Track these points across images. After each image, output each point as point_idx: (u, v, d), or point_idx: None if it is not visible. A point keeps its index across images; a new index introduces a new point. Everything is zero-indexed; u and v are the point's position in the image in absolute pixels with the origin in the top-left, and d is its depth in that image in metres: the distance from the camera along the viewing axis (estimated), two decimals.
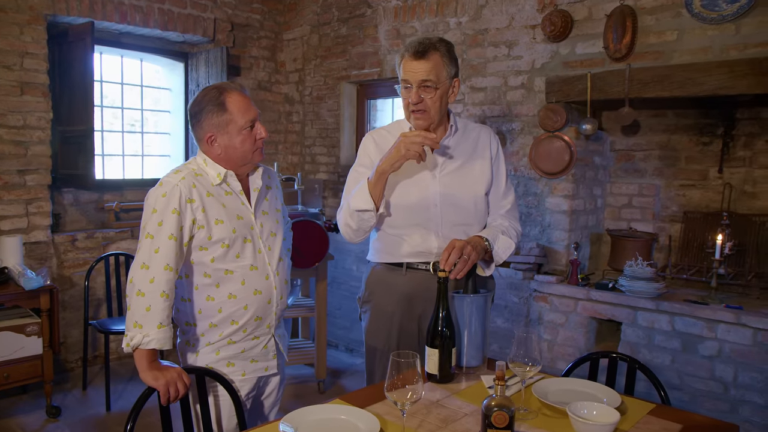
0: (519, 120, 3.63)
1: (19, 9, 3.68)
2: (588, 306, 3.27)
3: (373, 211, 1.95)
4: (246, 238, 1.89)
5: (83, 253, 4.07)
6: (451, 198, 2.06)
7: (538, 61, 3.52)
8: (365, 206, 1.94)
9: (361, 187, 1.98)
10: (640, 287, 3.07)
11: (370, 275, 2.18)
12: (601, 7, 3.22)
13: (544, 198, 3.55)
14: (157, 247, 1.73)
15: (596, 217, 3.71)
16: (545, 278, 3.45)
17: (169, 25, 4.35)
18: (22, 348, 3.19)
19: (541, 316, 3.47)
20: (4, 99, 3.67)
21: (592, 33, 3.28)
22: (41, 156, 3.84)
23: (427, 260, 2.06)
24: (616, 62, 3.19)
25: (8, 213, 3.73)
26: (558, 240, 3.52)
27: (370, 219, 1.98)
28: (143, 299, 1.70)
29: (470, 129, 2.18)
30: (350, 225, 2.03)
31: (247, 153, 1.87)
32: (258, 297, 1.90)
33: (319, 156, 4.94)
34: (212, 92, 1.84)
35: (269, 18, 5.03)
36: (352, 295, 4.66)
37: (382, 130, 2.20)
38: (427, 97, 1.98)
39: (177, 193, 1.77)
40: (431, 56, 1.96)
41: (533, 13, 3.51)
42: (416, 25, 4.12)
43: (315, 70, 4.89)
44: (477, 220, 2.10)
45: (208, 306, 1.87)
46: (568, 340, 3.37)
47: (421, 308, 2.06)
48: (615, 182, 3.70)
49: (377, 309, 2.13)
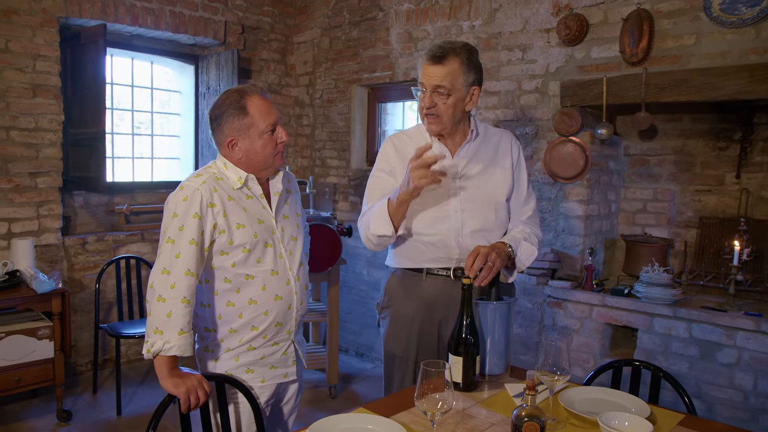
0: (533, 124, 3.60)
1: (32, 11, 3.68)
2: (603, 312, 3.24)
3: (393, 235, 1.95)
4: (267, 242, 1.87)
5: (93, 256, 4.06)
6: (472, 204, 2.04)
7: (553, 65, 3.49)
8: (385, 232, 1.95)
9: (381, 209, 1.96)
10: (656, 293, 3.04)
11: (389, 281, 2.16)
12: (617, 11, 3.20)
13: (558, 203, 3.52)
14: (178, 252, 1.71)
15: (610, 222, 3.68)
16: (559, 284, 3.42)
17: (180, 28, 4.34)
18: (33, 351, 3.17)
19: (555, 322, 3.44)
20: (16, 101, 3.66)
21: (608, 37, 3.26)
22: (52, 158, 3.83)
23: (448, 266, 2.04)
24: (633, 66, 3.16)
25: (19, 215, 3.72)
26: (572, 245, 3.49)
27: (389, 240, 1.99)
28: (164, 305, 1.68)
29: (491, 134, 2.16)
30: (371, 240, 2.04)
31: (268, 157, 1.86)
32: (278, 302, 1.88)
33: (329, 159, 4.92)
34: (233, 95, 1.82)
35: (280, 21, 5.02)
36: (362, 299, 4.63)
37: (403, 134, 2.19)
38: (440, 102, 1.97)
39: (198, 197, 1.75)
40: (449, 62, 1.95)
41: (548, 17, 3.49)
42: (428, 28, 4.10)
43: (326, 73, 4.87)
44: (498, 226, 2.08)
45: (228, 311, 1.85)
46: (583, 346, 3.34)
47: (441, 314, 2.04)
48: (629, 187, 3.67)
49: (397, 315, 2.11)
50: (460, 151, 2.08)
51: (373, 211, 2.01)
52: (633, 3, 3.11)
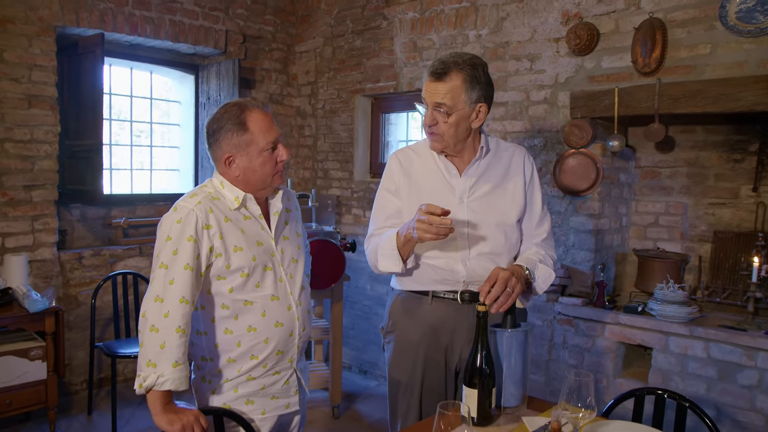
0: (541, 136, 3.50)
1: (28, 20, 3.59)
2: (616, 330, 3.13)
3: (402, 270, 1.87)
4: (266, 265, 1.76)
5: (90, 271, 3.95)
6: (480, 226, 1.93)
7: (562, 75, 3.40)
8: (394, 269, 1.87)
9: (389, 242, 1.87)
10: (671, 311, 2.93)
11: (393, 304, 2.06)
12: (629, 19, 3.10)
13: (568, 217, 3.42)
14: (172, 278, 1.60)
15: (621, 236, 3.57)
16: (570, 300, 3.31)
17: (180, 37, 4.25)
18: (25, 373, 3.06)
19: (566, 340, 3.33)
20: (11, 112, 3.56)
21: (619, 46, 3.16)
22: (48, 171, 3.73)
23: (454, 289, 1.93)
24: (645, 77, 3.06)
25: (13, 230, 3.61)
26: (583, 260, 3.38)
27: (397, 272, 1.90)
28: (157, 335, 1.58)
29: (502, 149, 2.05)
30: (378, 268, 1.95)
31: (266, 176, 1.75)
32: (279, 329, 1.77)
33: (332, 171, 4.82)
34: (233, 110, 1.72)
35: (282, 30, 4.93)
36: (366, 315, 4.52)
37: (408, 149, 2.08)
38: (440, 120, 1.87)
39: (193, 218, 1.65)
40: (451, 78, 1.83)
41: (557, 26, 3.40)
42: (434, 37, 4.01)
43: (328, 83, 4.78)
44: (507, 249, 1.97)
45: (226, 339, 1.74)
46: (595, 365, 3.22)
47: (447, 339, 1.93)
48: (640, 200, 3.56)
49: (401, 339, 2.01)
50: (469, 169, 1.97)
51: (381, 244, 1.91)
52: (645, 12, 3.02)
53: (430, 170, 2.00)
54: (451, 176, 1.97)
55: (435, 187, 1.97)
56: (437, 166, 1.99)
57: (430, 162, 2.01)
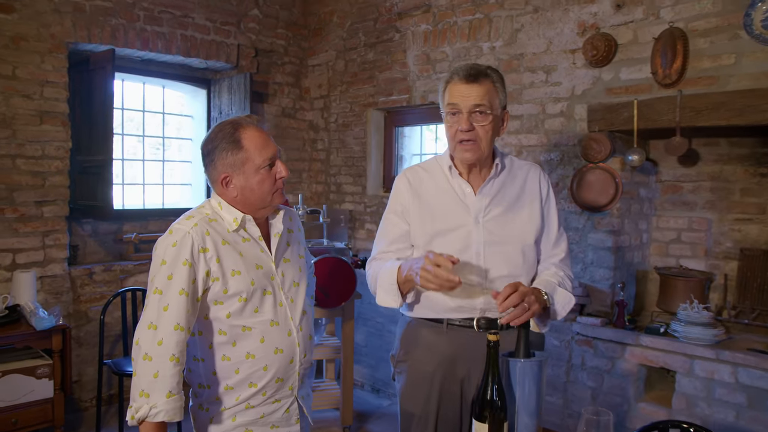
0: (558, 150, 3.40)
1: (40, 37, 3.59)
2: (637, 352, 3.00)
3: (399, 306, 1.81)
4: (266, 289, 1.69)
5: (100, 287, 3.92)
6: (497, 247, 1.83)
7: (579, 88, 3.30)
8: (392, 305, 1.80)
9: (389, 276, 1.79)
10: (696, 333, 2.80)
11: (405, 332, 1.95)
12: (648, 29, 3.00)
13: (586, 233, 3.30)
14: (167, 303, 1.54)
15: (642, 253, 3.45)
16: (588, 320, 3.19)
17: (191, 52, 4.24)
18: (32, 391, 3.02)
19: (584, 362, 3.21)
20: (23, 129, 3.56)
21: (638, 57, 3.06)
22: (59, 187, 3.71)
23: (471, 316, 1.83)
24: (666, 88, 2.95)
25: (24, 246, 3.59)
26: (602, 279, 3.26)
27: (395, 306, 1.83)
28: (150, 364, 1.51)
29: (517, 168, 1.96)
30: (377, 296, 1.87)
31: (265, 195, 1.68)
32: (279, 356, 1.69)
33: (345, 185, 4.76)
34: (226, 128, 1.65)
35: (294, 43, 4.90)
36: (379, 332, 4.43)
37: (419, 168, 1.99)
38: (479, 124, 1.77)
39: (189, 241, 1.58)
40: (484, 82, 1.77)
41: (573, 37, 3.31)
42: (447, 50, 3.94)
43: (341, 97, 4.73)
44: (526, 270, 1.87)
45: (223, 366, 1.67)
46: (615, 388, 3.09)
47: (465, 370, 1.82)
48: (662, 216, 3.44)
49: (414, 370, 1.90)
50: (484, 187, 1.88)
51: (381, 275, 1.83)
52: (665, 21, 2.91)
53: (442, 189, 1.91)
54: (466, 195, 1.88)
55: (448, 207, 1.88)
56: (450, 185, 1.90)
57: (442, 181, 1.92)
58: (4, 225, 3.50)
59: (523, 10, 3.52)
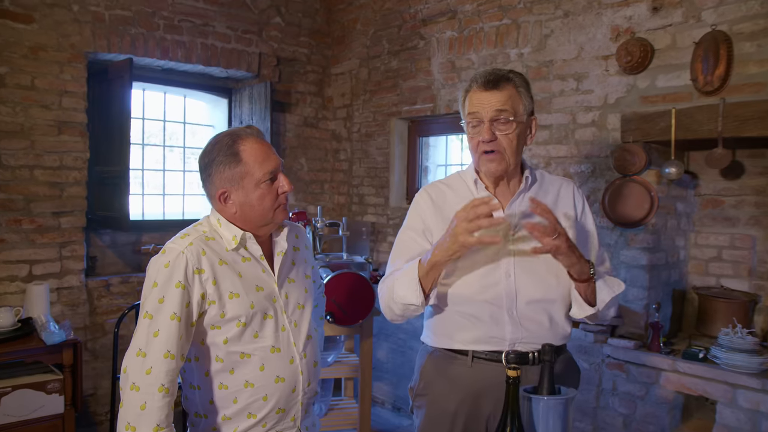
0: (589, 161, 3.22)
1: (60, 47, 3.56)
2: (673, 378, 2.79)
3: (421, 305, 1.60)
4: (267, 313, 1.56)
5: (117, 299, 3.86)
6: (528, 267, 1.66)
7: (612, 96, 3.12)
8: (412, 300, 1.60)
9: (409, 272, 1.62)
10: (739, 361, 2.59)
11: (426, 362, 1.78)
12: (688, 33, 2.81)
13: (619, 250, 3.11)
14: (157, 329, 1.42)
15: (679, 271, 3.24)
16: (621, 342, 3.00)
17: (212, 61, 4.17)
18: (42, 407, 2.95)
19: (616, 387, 3.01)
20: (41, 139, 3.53)
21: (677, 63, 2.87)
22: (77, 197, 3.67)
23: (499, 348, 1.66)
24: (707, 96, 2.76)
25: (41, 257, 3.55)
26: (635, 299, 3.06)
27: (417, 310, 1.63)
28: (138, 395, 1.39)
29: (548, 182, 1.80)
30: (393, 310, 1.69)
31: (266, 211, 1.55)
32: (280, 385, 1.56)
33: (367, 197, 4.63)
34: (224, 140, 1.54)
35: (317, 52, 4.81)
36: (401, 348, 4.28)
37: (440, 184, 1.84)
38: (501, 134, 1.62)
39: (182, 262, 1.46)
40: (505, 87, 1.63)
41: (606, 43, 3.13)
42: (473, 57, 3.79)
43: (364, 106, 4.62)
44: (560, 294, 1.69)
45: (221, 395, 1.55)
46: (649, 416, 2.88)
47: (491, 407, 1.65)
48: (701, 232, 3.22)
49: (435, 407, 1.73)
50: (513, 202, 1.72)
51: (398, 275, 1.67)
52: (707, 24, 2.72)
53: None
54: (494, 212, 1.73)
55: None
56: None
57: (467, 196, 1.75)
58: (21, 236, 3.46)
59: (552, 15, 3.36)
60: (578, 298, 1.67)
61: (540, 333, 1.68)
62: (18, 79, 3.43)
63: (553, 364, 1.46)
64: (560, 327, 1.72)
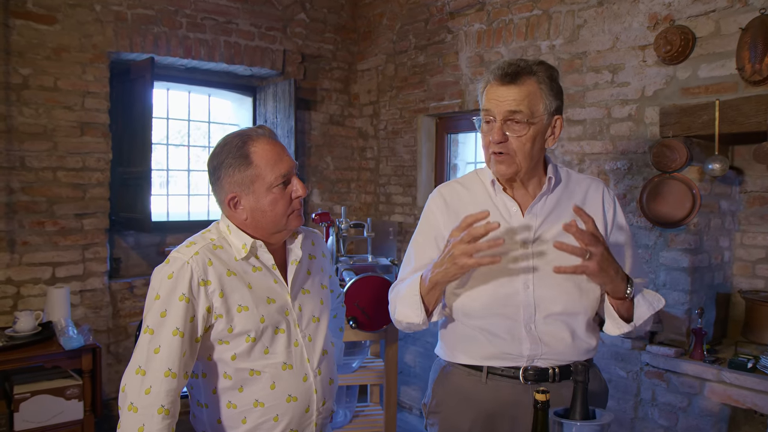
0: (625, 158, 3.04)
1: (82, 48, 3.53)
2: (719, 389, 2.61)
3: (424, 323, 1.50)
4: (278, 327, 1.46)
5: (140, 301, 3.82)
6: (549, 277, 1.52)
7: (650, 88, 2.93)
8: (413, 319, 1.50)
9: (411, 288, 1.50)
10: None
11: (438, 379, 1.67)
12: (733, 19, 2.62)
13: (658, 252, 2.93)
14: (158, 345, 1.33)
15: (723, 273, 3.04)
16: (660, 350, 2.82)
17: (235, 59, 4.11)
18: (61, 413, 2.92)
19: (655, 397, 2.84)
20: (64, 140, 3.50)
21: (721, 52, 2.68)
22: (99, 199, 3.64)
23: (516, 365, 1.54)
24: (755, 86, 2.56)
25: (64, 259, 3.53)
26: (676, 303, 2.88)
27: (420, 327, 1.52)
28: (135, 416, 1.31)
29: (575, 182, 1.65)
30: (399, 322, 1.58)
31: (279, 217, 1.45)
32: (292, 405, 1.46)
33: (394, 196, 4.52)
34: (234, 141, 1.44)
35: (342, 48, 4.71)
36: (428, 352, 4.16)
37: (456, 183, 1.71)
38: (513, 135, 1.48)
39: (187, 273, 1.37)
40: (525, 82, 1.48)
41: (643, 32, 2.95)
42: (502, 50, 3.64)
43: (390, 103, 4.50)
44: (584, 308, 1.55)
45: (229, 415, 1.45)
46: (692, 429, 2.71)
47: (506, 427, 1.53)
48: (747, 231, 3.02)
49: (447, 425, 1.62)
50: (534, 206, 1.58)
51: (402, 288, 1.56)
52: (755, 8, 2.53)
53: (484, 208, 1.63)
54: (512, 215, 1.58)
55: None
56: (493, 203, 1.61)
57: (483, 198, 1.63)
58: (44, 238, 3.45)
59: (586, 4, 3.18)
60: (613, 314, 1.53)
61: (561, 349, 1.55)
62: (41, 80, 3.41)
63: (586, 384, 1.32)
64: (583, 341, 1.58)
